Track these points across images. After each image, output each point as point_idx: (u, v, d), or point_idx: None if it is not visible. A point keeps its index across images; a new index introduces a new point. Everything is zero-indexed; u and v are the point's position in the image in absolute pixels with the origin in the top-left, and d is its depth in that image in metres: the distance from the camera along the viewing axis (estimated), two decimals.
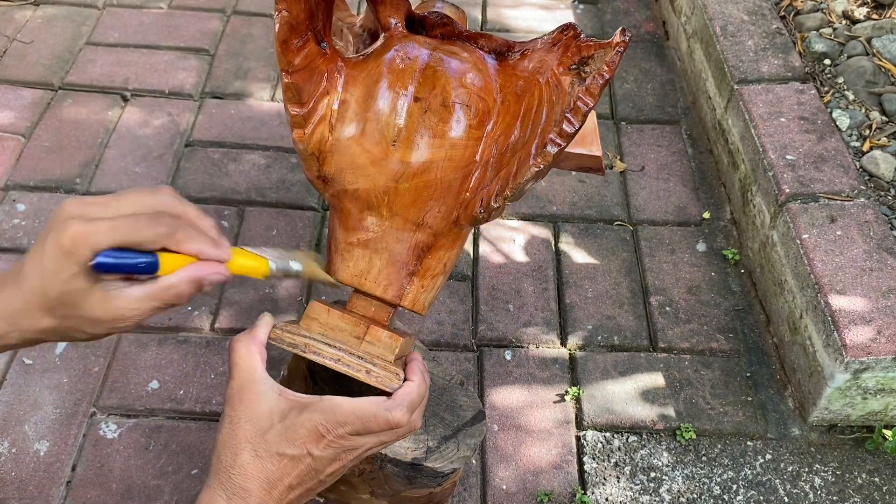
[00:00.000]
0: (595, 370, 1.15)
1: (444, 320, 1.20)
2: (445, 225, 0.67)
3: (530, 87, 0.66)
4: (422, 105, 0.65)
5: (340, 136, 0.66)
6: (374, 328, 0.66)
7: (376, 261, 0.67)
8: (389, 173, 0.65)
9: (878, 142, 1.28)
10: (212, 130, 1.47)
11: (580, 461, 1.06)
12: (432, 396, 0.83)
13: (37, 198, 1.33)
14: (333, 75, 0.66)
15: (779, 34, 1.47)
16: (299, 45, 0.62)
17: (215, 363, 1.13)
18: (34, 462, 1.02)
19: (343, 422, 0.58)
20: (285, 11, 0.60)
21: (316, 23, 0.64)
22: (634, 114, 1.56)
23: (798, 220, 1.15)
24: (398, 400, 0.61)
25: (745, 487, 1.05)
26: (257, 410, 0.58)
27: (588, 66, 0.62)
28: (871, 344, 1.01)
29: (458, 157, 0.65)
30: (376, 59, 0.67)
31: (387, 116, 0.65)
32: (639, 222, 1.36)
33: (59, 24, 1.66)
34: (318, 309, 0.66)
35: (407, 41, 0.68)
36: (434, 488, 0.84)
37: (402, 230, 0.67)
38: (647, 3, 1.84)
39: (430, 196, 0.66)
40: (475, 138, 0.65)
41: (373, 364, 0.64)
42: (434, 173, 0.65)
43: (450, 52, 0.68)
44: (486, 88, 0.66)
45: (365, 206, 0.67)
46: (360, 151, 0.65)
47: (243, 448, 0.58)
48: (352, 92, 0.66)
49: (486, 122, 0.66)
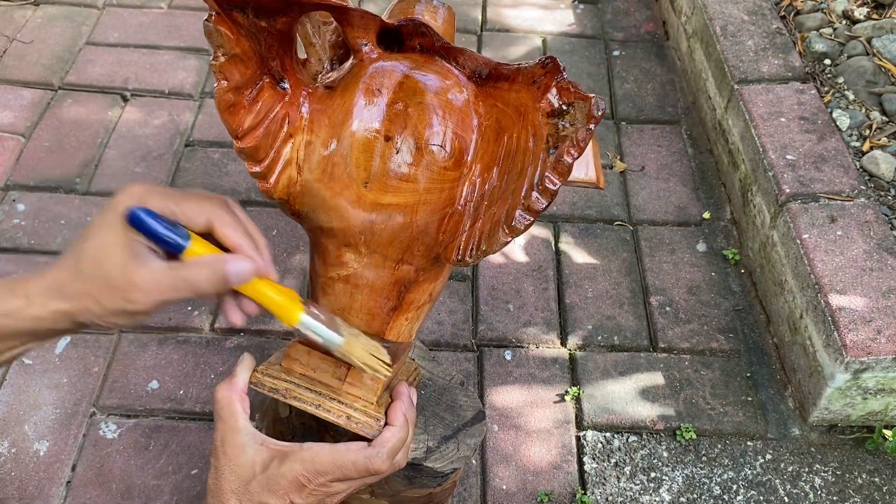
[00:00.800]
0: (595, 370, 1.15)
1: (444, 320, 1.20)
2: (426, 262, 0.65)
3: (510, 126, 0.61)
4: (392, 145, 0.60)
5: (309, 177, 0.62)
6: (354, 371, 0.64)
7: (358, 296, 0.65)
8: (364, 215, 0.62)
9: (878, 142, 1.28)
10: (212, 130, 1.47)
11: (580, 461, 1.06)
12: (432, 396, 0.83)
13: (37, 198, 1.33)
14: (296, 115, 0.62)
15: (779, 34, 1.47)
16: (251, 99, 0.58)
17: (215, 363, 1.13)
18: (34, 462, 1.02)
19: (323, 471, 0.59)
20: (224, 81, 0.56)
21: (269, 65, 0.59)
22: (634, 114, 1.56)
23: (798, 220, 1.15)
24: (378, 447, 0.61)
25: (745, 487, 1.05)
26: (239, 461, 0.60)
27: (566, 118, 0.56)
28: (871, 344, 1.01)
29: (434, 200, 0.61)
30: (342, 95, 0.62)
31: (356, 158, 0.61)
32: (639, 222, 1.36)
33: (59, 24, 1.66)
34: (299, 350, 0.65)
35: (377, 66, 0.62)
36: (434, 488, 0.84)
37: (381, 267, 0.64)
38: (647, 3, 1.84)
39: (408, 237, 0.63)
40: (451, 180, 0.61)
41: (353, 409, 0.63)
42: (409, 216, 0.61)
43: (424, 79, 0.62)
44: (464, 122, 0.61)
45: (342, 243, 0.64)
46: (331, 195, 0.62)
47: (228, 498, 0.59)
48: (317, 133, 0.62)
49: (462, 161, 0.61)
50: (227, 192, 1.36)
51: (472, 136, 0.61)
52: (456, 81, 0.62)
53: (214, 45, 0.55)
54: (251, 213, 1.33)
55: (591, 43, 1.72)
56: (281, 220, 1.32)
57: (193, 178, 1.38)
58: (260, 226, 1.30)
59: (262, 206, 1.34)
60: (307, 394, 0.64)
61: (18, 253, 1.25)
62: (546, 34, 1.74)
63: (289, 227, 1.31)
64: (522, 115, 0.60)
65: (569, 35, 1.74)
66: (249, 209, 1.34)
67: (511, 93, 0.61)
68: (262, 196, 1.35)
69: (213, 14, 0.54)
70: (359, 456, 0.60)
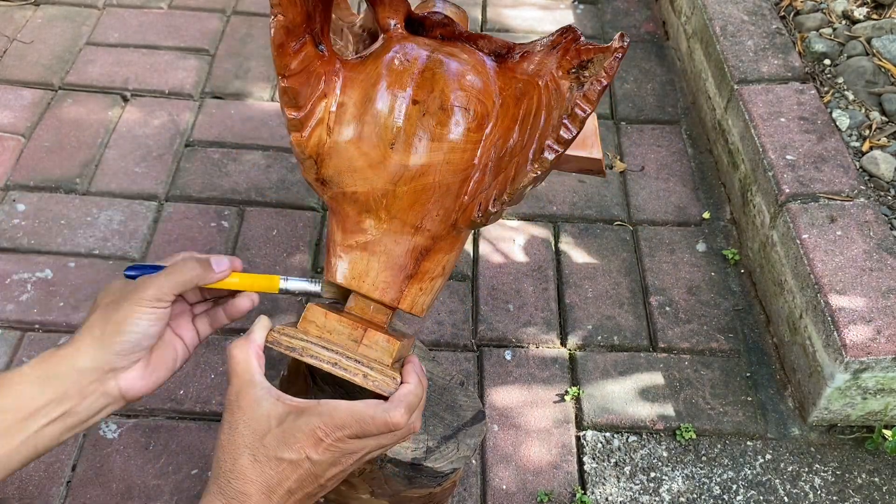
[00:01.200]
0: (595, 370, 1.15)
1: (444, 320, 1.20)
2: (444, 228, 0.67)
3: (529, 90, 0.65)
4: (420, 108, 0.64)
5: (338, 138, 0.65)
6: (371, 331, 0.66)
7: (374, 263, 0.67)
8: (388, 176, 0.65)
9: (877, 142, 1.28)
10: (212, 130, 1.47)
11: (580, 461, 1.06)
12: (432, 396, 0.83)
13: (37, 198, 1.33)
14: (331, 78, 0.66)
15: (779, 34, 1.47)
16: (296, 49, 0.62)
17: (215, 363, 1.13)
18: (34, 462, 1.02)
19: (341, 425, 0.58)
20: (281, 16, 0.60)
21: (313, 25, 0.64)
22: (634, 114, 1.56)
23: (798, 220, 1.15)
24: (396, 401, 0.61)
25: (744, 487, 1.05)
26: (255, 415, 0.59)
27: (587, 71, 0.61)
28: (870, 344, 1.01)
29: (457, 160, 0.65)
30: (374, 61, 0.66)
31: (385, 119, 0.64)
32: (639, 222, 1.36)
33: (59, 24, 1.66)
34: (316, 312, 0.66)
35: (405, 43, 0.67)
36: (434, 488, 0.84)
37: (400, 233, 0.67)
38: (647, 3, 1.84)
39: (429, 199, 0.65)
40: (474, 141, 0.65)
41: (370, 368, 0.64)
42: (432, 177, 0.65)
43: (449, 53, 0.67)
44: (485, 91, 0.66)
45: (363, 208, 0.66)
46: (358, 154, 0.65)
47: (242, 453, 0.58)
48: (349, 94, 0.66)
49: (484, 126, 0.65)
50: (227, 191, 1.36)
51: (494, 101, 0.66)
52: (478, 58, 0.68)
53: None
54: (251, 213, 1.33)
55: None
56: (281, 220, 1.32)
57: (193, 179, 1.38)
58: (260, 226, 1.31)
59: (262, 206, 1.34)
60: (324, 352, 0.64)
61: (18, 253, 1.25)
62: (546, 34, 1.74)
63: (289, 227, 1.32)
64: (542, 78, 0.65)
65: None
66: (249, 209, 1.34)
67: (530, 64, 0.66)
68: (262, 196, 1.35)
69: None
70: (377, 409, 0.59)
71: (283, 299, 1.21)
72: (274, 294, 0.70)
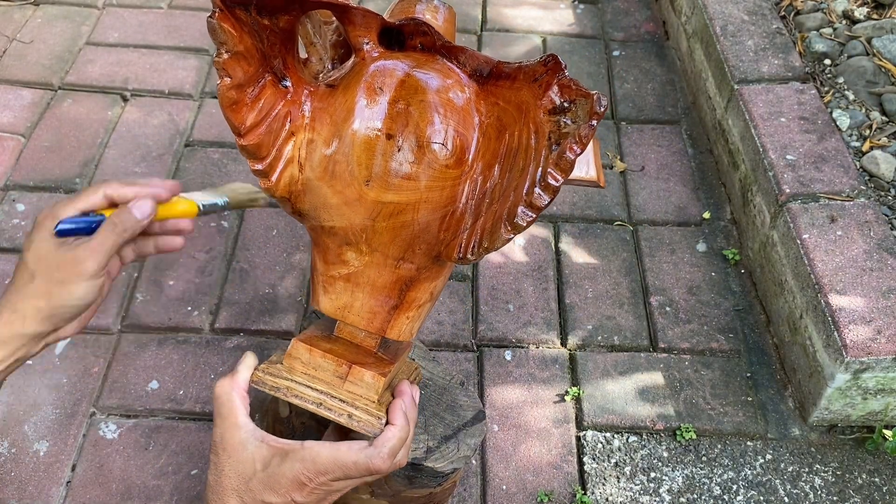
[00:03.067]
0: (595, 370, 1.15)
1: (444, 320, 1.20)
2: (427, 260, 0.64)
3: (510, 123, 0.61)
4: (394, 143, 0.60)
5: (311, 175, 0.62)
6: (356, 368, 0.64)
7: (359, 294, 0.65)
8: (365, 212, 0.62)
9: (878, 142, 1.28)
10: (212, 130, 1.47)
11: (580, 461, 1.06)
12: (432, 396, 0.83)
13: (36, 198, 1.33)
14: (298, 114, 0.62)
15: (779, 34, 1.47)
16: (254, 97, 0.58)
17: (215, 363, 1.13)
18: (34, 462, 1.02)
19: (324, 470, 0.59)
20: (227, 78, 0.56)
21: (273, 62, 0.60)
22: (634, 114, 1.56)
23: (798, 220, 1.15)
24: (379, 446, 0.61)
25: (745, 488, 1.05)
26: (240, 458, 0.60)
27: (568, 115, 0.56)
28: (871, 344, 1.01)
29: (436, 198, 0.61)
30: (345, 93, 0.62)
31: (357, 156, 0.60)
32: (639, 222, 1.36)
33: (59, 24, 1.66)
34: (300, 349, 0.65)
35: (379, 65, 0.62)
36: (434, 488, 0.84)
37: (382, 265, 0.64)
38: (647, 3, 1.84)
39: (410, 235, 0.62)
40: (453, 178, 0.61)
41: (354, 407, 0.63)
42: (411, 214, 0.61)
43: (425, 78, 0.62)
44: (465, 121, 0.61)
45: (343, 241, 0.64)
46: (332, 193, 0.62)
47: (229, 496, 0.60)
48: (319, 131, 0.62)
49: (463, 160, 0.61)
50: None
51: (473, 134, 0.61)
52: (457, 80, 0.62)
53: (217, 42, 0.55)
54: (251, 213, 1.33)
55: (591, 43, 1.72)
56: (281, 220, 1.32)
57: (193, 178, 1.38)
58: (260, 226, 1.31)
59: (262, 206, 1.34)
60: (309, 392, 0.64)
61: (18, 253, 1.25)
62: (546, 34, 1.74)
63: (289, 227, 1.31)
64: (524, 113, 0.59)
65: (569, 35, 1.74)
66: (249, 209, 1.34)
67: (512, 91, 0.60)
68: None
69: (216, 11, 0.54)
70: (359, 456, 0.60)
71: (283, 298, 1.21)
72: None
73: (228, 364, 1.13)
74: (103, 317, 1.17)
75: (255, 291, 1.22)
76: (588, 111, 0.54)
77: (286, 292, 1.23)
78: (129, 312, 1.18)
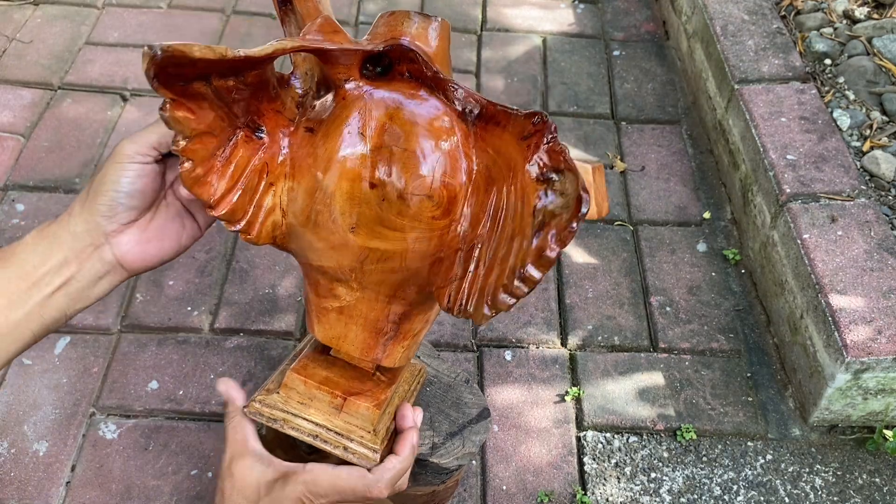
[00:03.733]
0: (595, 370, 1.15)
1: (444, 320, 1.20)
2: (420, 298, 0.63)
3: (500, 179, 0.57)
4: (378, 192, 0.58)
5: (294, 221, 0.60)
6: (351, 400, 0.65)
7: (352, 326, 0.64)
8: (353, 256, 0.60)
9: (878, 142, 1.27)
10: None
11: (580, 461, 1.06)
12: (438, 393, 0.84)
13: (36, 198, 1.33)
14: (276, 163, 0.59)
15: (779, 34, 1.47)
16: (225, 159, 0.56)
17: (214, 363, 1.13)
18: (34, 462, 1.02)
19: (323, 493, 0.61)
20: (188, 162, 0.53)
21: (237, 121, 0.56)
22: (634, 114, 1.56)
23: (798, 220, 1.15)
24: (379, 474, 0.63)
25: (745, 488, 1.04)
26: (246, 483, 0.62)
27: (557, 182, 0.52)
28: (871, 344, 1.01)
29: (422, 249, 0.59)
30: (325, 141, 0.59)
31: (341, 207, 0.58)
32: (639, 222, 1.36)
33: (59, 24, 1.66)
34: (295, 380, 0.66)
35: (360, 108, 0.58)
36: (438, 485, 0.84)
37: (374, 301, 0.63)
38: (647, 2, 1.84)
39: (400, 279, 0.61)
40: (440, 228, 0.58)
41: (350, 439, 0.64)
42: (399, 262, 0.60)
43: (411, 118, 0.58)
44: (453, 167, 0.58)
45: (333, 278, 0.62)
46: (317, 239, 0.60)
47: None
48: (299, 181, 0.59)
49: (451, 211, 0.58)
50: None
51: (461, 180, 0.58)
52: (446, 121, 0.58)
53: (174, 131, 0.52)
54: None
55: (591, 43, 1.72)
56: None
57: None
58: None
59: None
60: (304, 424, 0.65)
61: None
62: (546, 34, 1.74)
63: None
64: (512, 172, 0.56)
65: (569, 35, 1.74)
66: None
67: (502, 140, 0.57)
68: None
69: (167, 102, 0.50)
70: (358, 483, 0.62)
71: (282, 298, 1.21)
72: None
73: (228, 364, 1.13)
74: (103, 317, 1.17)
75: (255, 291, 1.22)
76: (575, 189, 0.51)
77: (286, 292, 1.22)
78: (128, 312, 1.18)
